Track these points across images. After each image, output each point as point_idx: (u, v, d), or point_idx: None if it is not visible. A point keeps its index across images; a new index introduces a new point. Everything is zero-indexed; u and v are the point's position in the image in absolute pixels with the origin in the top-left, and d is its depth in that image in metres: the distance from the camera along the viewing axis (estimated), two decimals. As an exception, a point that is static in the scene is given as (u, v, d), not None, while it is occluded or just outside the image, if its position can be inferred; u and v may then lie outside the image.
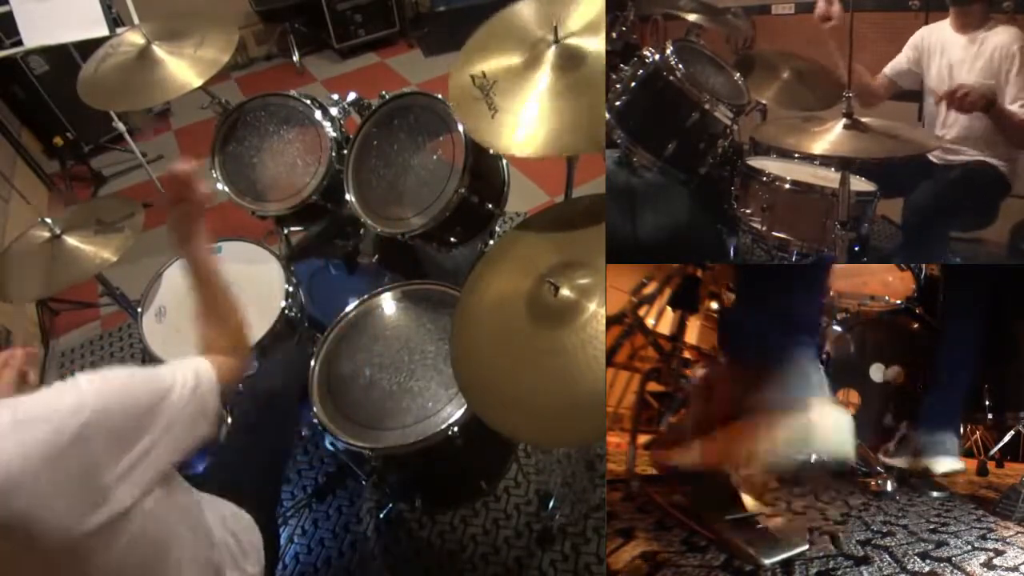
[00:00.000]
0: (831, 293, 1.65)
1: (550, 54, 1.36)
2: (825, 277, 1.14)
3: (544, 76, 1.34)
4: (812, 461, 0.88)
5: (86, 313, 2.75)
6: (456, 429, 1.37)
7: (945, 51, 1.59)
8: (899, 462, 1.43)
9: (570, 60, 1.34)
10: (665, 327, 1.65)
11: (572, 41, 1.36)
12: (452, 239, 1.76)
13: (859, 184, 1.46)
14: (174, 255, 1.80)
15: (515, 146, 1.30)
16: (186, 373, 0.91)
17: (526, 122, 1.31)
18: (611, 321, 1.42)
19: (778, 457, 0.89)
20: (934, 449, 1.37)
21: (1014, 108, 1.47)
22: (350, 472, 1.86)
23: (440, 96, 1.66)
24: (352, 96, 1.89)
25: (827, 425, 0.88)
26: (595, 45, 1.35)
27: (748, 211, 1.50)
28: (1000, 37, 1.49)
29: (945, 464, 1.36)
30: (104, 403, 0.75)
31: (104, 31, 2.14)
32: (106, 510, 0.73)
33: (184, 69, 1.79)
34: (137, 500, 0.77)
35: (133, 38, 1.90)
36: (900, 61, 1.71)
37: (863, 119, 1.29)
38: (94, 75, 1.85)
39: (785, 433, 0.87)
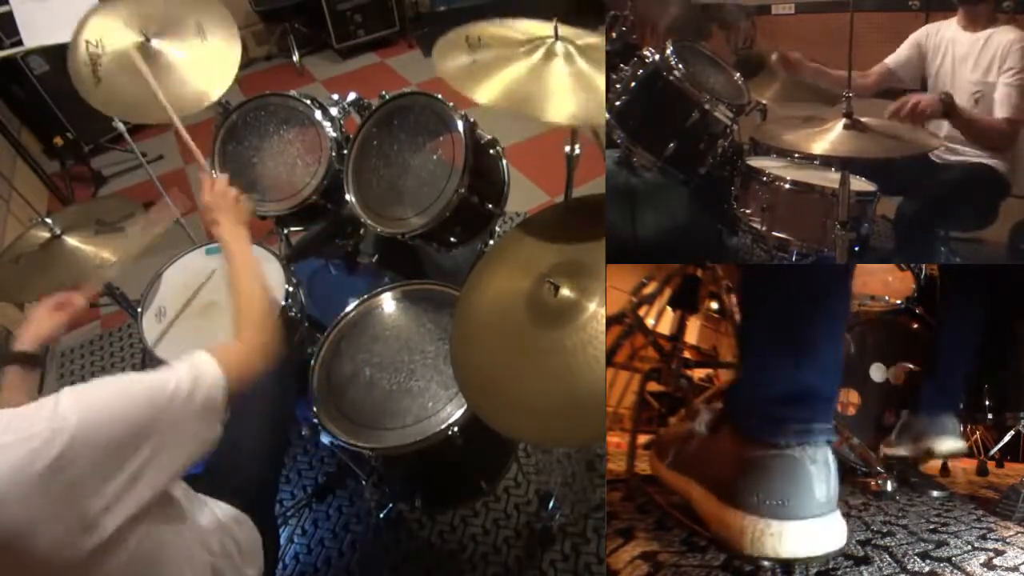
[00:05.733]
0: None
1: (550, 45, 1.36)
2: (840, 357, 0.97)
3: (538, 55, 1.35)
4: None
5: (86, 313, 2.74)
6: (456, 429, 1.37)
7: (951, 48, 1.59)
8: (901, 450, 1.42)
9: (569, 55, 1.35)
10: (665, 327, 1.65)
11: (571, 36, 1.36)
12: (452, 239, 1.76)
13: (859, 184, 1.46)
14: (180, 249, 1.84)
15: (483, 93, 1.28)
16: (183, 377, 0.86)
17: (505, 79, 1.30)
18: (611, 321, 1.42)
19: (743, 552, 0.83)
20: (935, 430, 1.35)
21: (997, 108, 1.47)
22: (350, 472, 1.86)
23: (440, 96, 1.66)
24: (352, 96, 1.89)
25: (803, 547, 0.82)
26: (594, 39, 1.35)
27: (748, 211, 1.50)
28: (1004, 35, 1.49)
29: (947, 444, 1.33)
30: (86, 428, 0.71)
31: (104, 31, 2.14)
32: (96, 535, 0.71)
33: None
34: (130, 522, 0.75)
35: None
36: (901, 53, 1.71)
37: (863, 119, 1.29)
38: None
39: (758, 538, 0.81)
